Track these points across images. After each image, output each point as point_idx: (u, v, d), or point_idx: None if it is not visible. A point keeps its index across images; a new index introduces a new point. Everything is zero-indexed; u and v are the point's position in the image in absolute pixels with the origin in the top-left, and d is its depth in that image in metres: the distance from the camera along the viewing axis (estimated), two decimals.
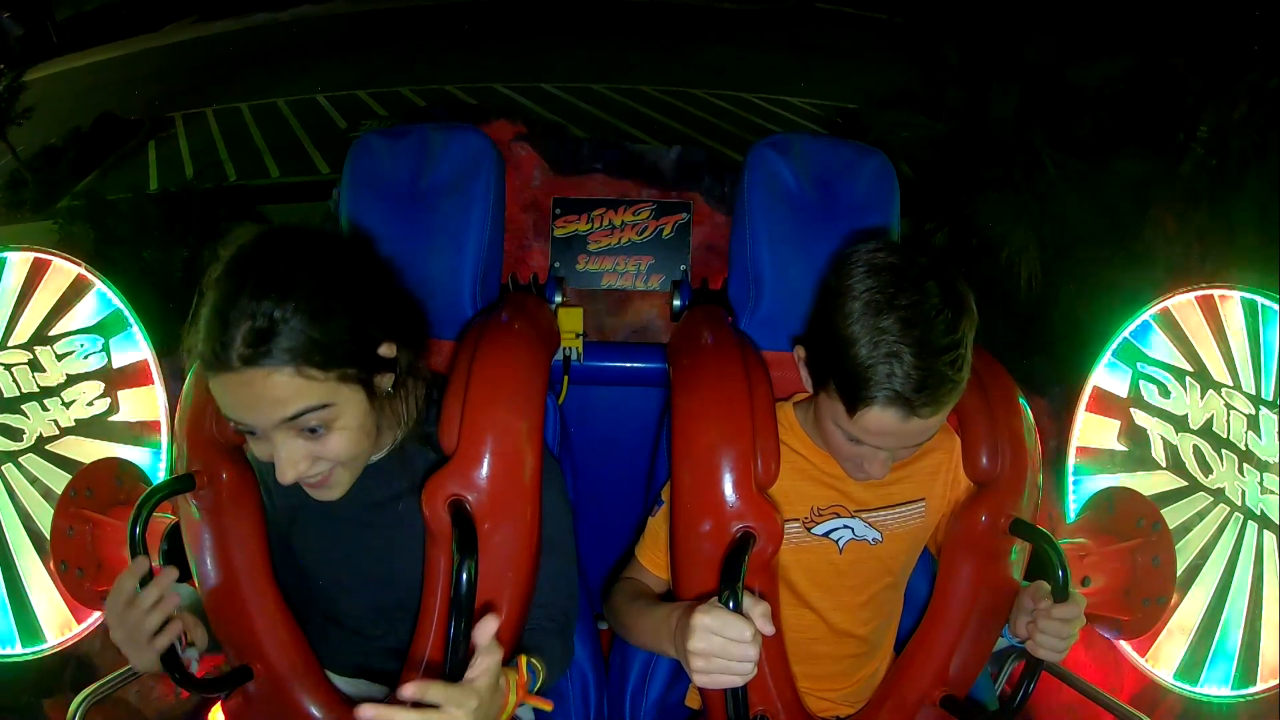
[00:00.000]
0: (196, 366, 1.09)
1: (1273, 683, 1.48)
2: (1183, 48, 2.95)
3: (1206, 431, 1.54)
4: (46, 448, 1.61)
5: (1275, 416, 1.46)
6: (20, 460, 1.60)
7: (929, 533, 1.20)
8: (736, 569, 0.92)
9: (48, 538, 1.52)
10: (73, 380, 1.60)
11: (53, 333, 1.59)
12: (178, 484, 1.05)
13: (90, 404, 1.61)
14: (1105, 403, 1.66)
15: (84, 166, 7.06)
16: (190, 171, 7.01)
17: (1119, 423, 1.64)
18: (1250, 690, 1.49)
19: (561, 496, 1.14)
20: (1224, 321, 1.54)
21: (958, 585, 1.13)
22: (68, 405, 1.60)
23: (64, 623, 1.59)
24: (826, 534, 1.14)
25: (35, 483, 1.60)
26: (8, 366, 1.58)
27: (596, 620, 1.35)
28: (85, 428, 1.61)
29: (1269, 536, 1.48)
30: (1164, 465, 1.59)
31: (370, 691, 1.13)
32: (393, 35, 11.80)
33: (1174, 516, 1.53)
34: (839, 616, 1.17)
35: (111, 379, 1.61)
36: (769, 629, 0.88)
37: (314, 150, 7.49)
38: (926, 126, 3.34)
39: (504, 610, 1.01)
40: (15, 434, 1.60)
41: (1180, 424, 1.57)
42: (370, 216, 1.27)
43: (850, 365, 0.95)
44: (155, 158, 7.65)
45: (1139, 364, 1.62)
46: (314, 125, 8.16)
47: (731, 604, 0.89)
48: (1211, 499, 1.54)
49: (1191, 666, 1.52)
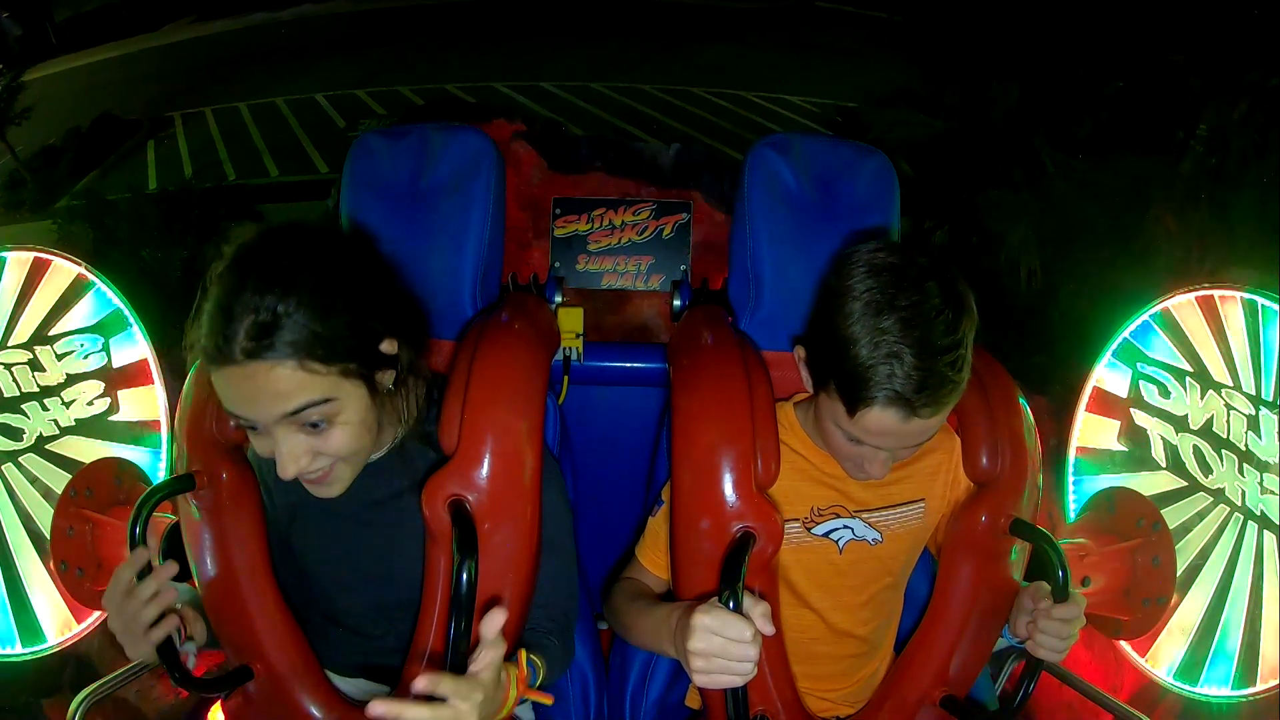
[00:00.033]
0: (197, 366, 1.10)
1: (1273, 683, 1.48)
2: (1183, 46, 2.94)
3: (1206, 432, 1.54)
4: (46, 448, 1.60)
5: (1275, 416, 1.46)
6: (20, 460, 1.60)
7: (929, 533, 1.20)
8: (736, 569, 0.92)
9: (48, 538, 1.52)
10: (73, 380, 1.60)
11: (53, 332, 1.59)
12: (178, 484, 1.05)
13: (90, 404, 1.61)
14: (1105, 403, 1.66)
15: (83, 166, 7.04)
16: (189, 171, 7.00)
17: (1119, 423, 1.64)
18: (1250, 690, 1.49)
19: (561, 496, 1.14)
20: (1224, 322, 1.54)
21: (958, 585, 1.13)
22: (68, 405, 1.60)
23: (64, 623, 1.58)
24: (826, 534, 1.15)
25: (35, 483, 1.59)
26: (8, 366, 1.58)
27: (596, 620, 1.35)
28: (85, 428, 1.61)
29: (1269, 536, 1.47)
30: (1164, 465, 1.59)
31: (371, 691, 1.13)
32: (392, 34, 11.79)
33: (1174, 517, 1.52)
34: (839, 616, 1.17)
35: (111, 379, 1.61)
36: (769, 629, 0.88)
37: (313, 149, 7.47)
38: (926, 125, 3.34)
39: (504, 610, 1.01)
40: (15, 434, 1.60)
41: (1180, 424, 1.57)
42: (370, 216, 1.26)
43: (850, 365, 0.95)
44: (154, 158, 7.63)
45: (1139, 364, 1.61)
46: (313, 125, 8.14)
47: (731, 604, 0.89)
48: (1211, 499, 1.54)
49: (1191, 666, 1.52)
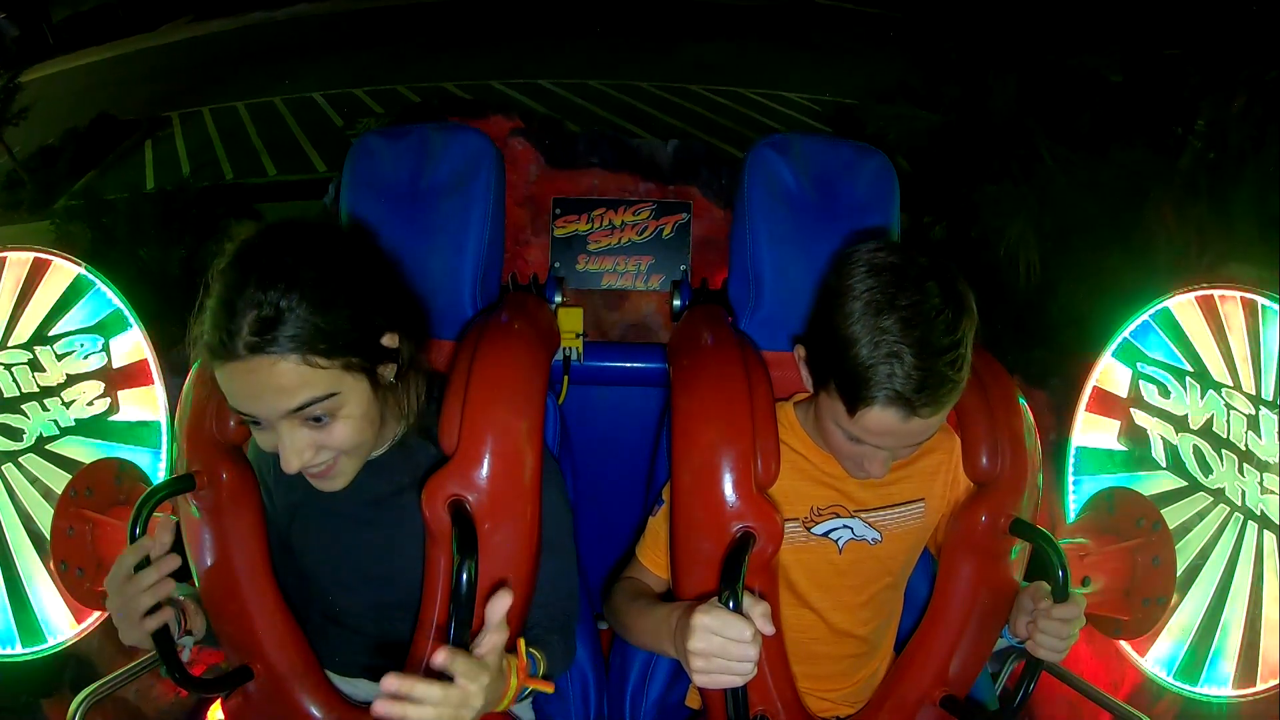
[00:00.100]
0: (197, 367, 1.10)
1: (1273, 683, 1.48)
2: (1180, 40, 2.94)
3: (1206, 432, 1.54)
4: (46, 448, 1.60)
5: (1275, 416, 1.46)
6: (20, 460, 1.60)
7: (929, 533, 1.20)
8: (736, 569, 0.92)
9: (48, 538, 1.52)
10: (73, 380, 1.60)
11: (53, 332, 1.59)
12: (178, 484, 1.05)
13: (90, 404, 1.60)
14: (1105, 403, 1.66)
15: (81, 166, 7.04)
16: (187, 170, 6.99)
17: (1119, 423, 1.64)
18: (1250, 690, 1.49)
19: (561, 496, 1.14)
20: (1224, 321, 1.53)
21: (958, 585, 1.13)
22: (68, 405, 1.60)
23: (64, 623, 1.58)
24: (826, 534, 1.15)
25: (35, 483, 1.59)
26: (8, 366, 1.58)
27: (596, 620, 1.35)
28: (85, 428, 1.61)
29: (1269, 536, 1.47)
30: (1164, 465, 1.59)
31: (371, 691, 1.13)
32: (390, 33, 11.78)
33: (1174, 516, 1.52)
34: (839, 616, 1.17)
35: (111, 379, 1.61)
36: (769, 629, 0.88)
37: (311, 148, 7.48)
38: (924, 119, 3.34)
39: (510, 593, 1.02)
40: (15, 434, 1.59)
41: (1180, 424, 1.57)
42: (370, 217, 1.26)
43: (851, 365, 0.95)
44: (152, 157, 7.63)
45: (1139, 364, 1.61)
46: (311, 124, 8.14)
47: (731, 604, 0.89)
48: (1211, 499, 1.54)
49: (1191, 666, 1.52)
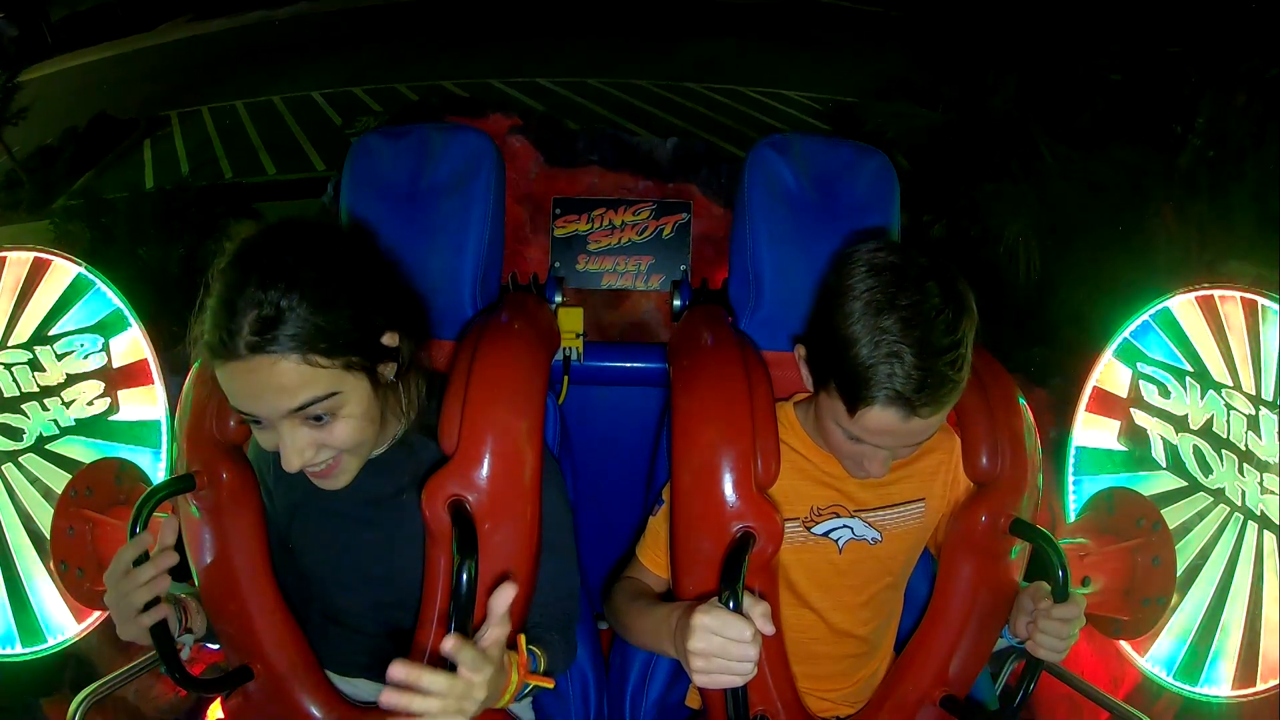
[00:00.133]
0: (197, 367, 1.10)
1: (1273, 683, 1.48)
2: (1180, 37, 2.94)
3: (1206, 432, 1.54)
4: (46, 448, 1.60)
5: (1275, 416, 1.46)
6: (20, 460, 1.60)
7: (929, 533, 1.21)
8: (736, 569, 0.92)
9: (48, 538, 1.51)
10: (73, 380, 1.59)
11: (53, 332, 1.59)
12: (178, 484, 1.05)
13: (90, 404, 1.60)
14: (1105, 403, 1.66)
15: (80, 166, 7.03)
16: (186, 170, 6.99)
17: (1119, 423, 1.64)
18: (1250, 690, 1.49)
19: (561, 496, 1.14)
20: (1224, 321, 1.53)
21: (958, 585, 1.13)
22: (68, 405, 1.60)
23: (64, 623, 1.58)
24: (826, 534, 1.15)
25: (35, 483, 1.59)
26: (8, 366, 1.58)
27: (596, 620, 1.35)
28: (85, 428, 1.61)
29: (1269, 536, 1.47)
30: (1164, 465, 1.59)
31: (371, 691, 1.13)
32: (388, 32, 11.76)
33: (1174, 516, 1.52)
34: (839, 616, 1.17)
35: (111, 379, 1.60)
36: (769, 629, 0.88)
37: (310, 147, 7.46)
38: (924, 117, 3.35)
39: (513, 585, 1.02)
40: (15, 434, 1.59)
41: (1180, 424, 1.57)
42: (370, 216, 1.26)
43: (851, 365, 0.95)
44: (151, 157, 7.61)
45: (1139, 364, 1.61)
46: (310, 122, 8.12)
47: (731, 604, 0.89)
48: (1211, 499, 1.54)
49: (1191, 666, 1.52)
